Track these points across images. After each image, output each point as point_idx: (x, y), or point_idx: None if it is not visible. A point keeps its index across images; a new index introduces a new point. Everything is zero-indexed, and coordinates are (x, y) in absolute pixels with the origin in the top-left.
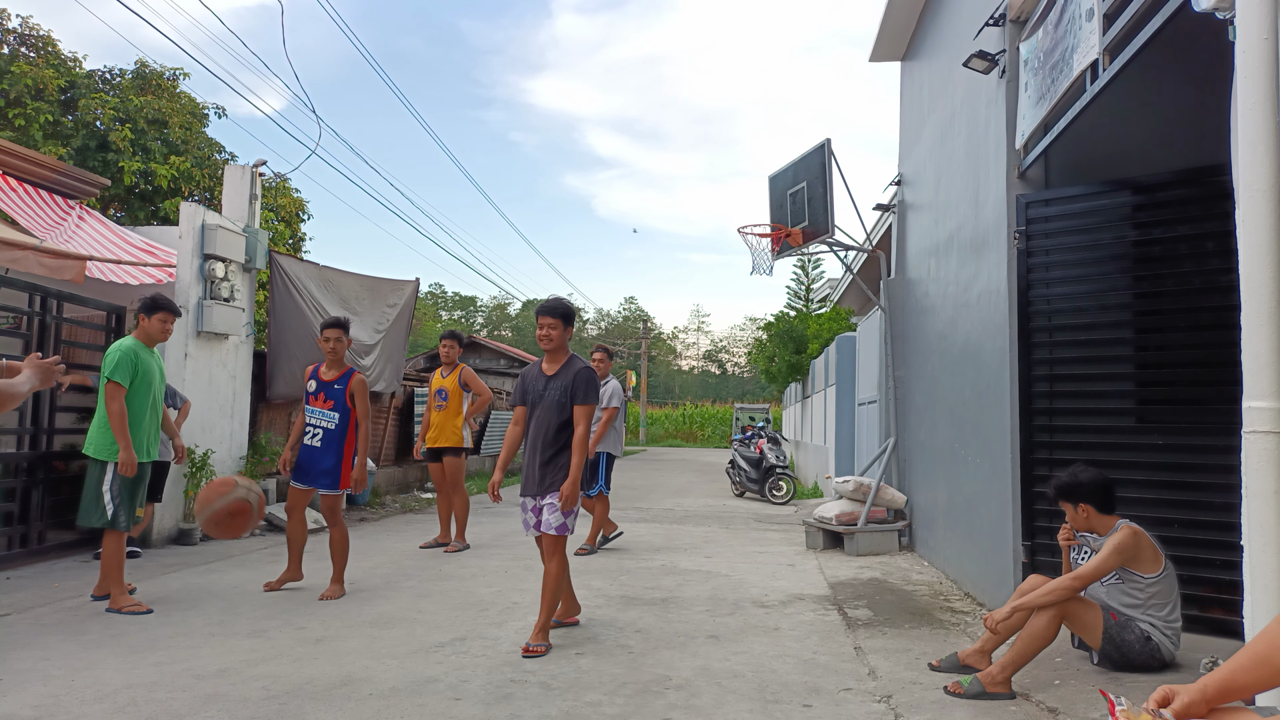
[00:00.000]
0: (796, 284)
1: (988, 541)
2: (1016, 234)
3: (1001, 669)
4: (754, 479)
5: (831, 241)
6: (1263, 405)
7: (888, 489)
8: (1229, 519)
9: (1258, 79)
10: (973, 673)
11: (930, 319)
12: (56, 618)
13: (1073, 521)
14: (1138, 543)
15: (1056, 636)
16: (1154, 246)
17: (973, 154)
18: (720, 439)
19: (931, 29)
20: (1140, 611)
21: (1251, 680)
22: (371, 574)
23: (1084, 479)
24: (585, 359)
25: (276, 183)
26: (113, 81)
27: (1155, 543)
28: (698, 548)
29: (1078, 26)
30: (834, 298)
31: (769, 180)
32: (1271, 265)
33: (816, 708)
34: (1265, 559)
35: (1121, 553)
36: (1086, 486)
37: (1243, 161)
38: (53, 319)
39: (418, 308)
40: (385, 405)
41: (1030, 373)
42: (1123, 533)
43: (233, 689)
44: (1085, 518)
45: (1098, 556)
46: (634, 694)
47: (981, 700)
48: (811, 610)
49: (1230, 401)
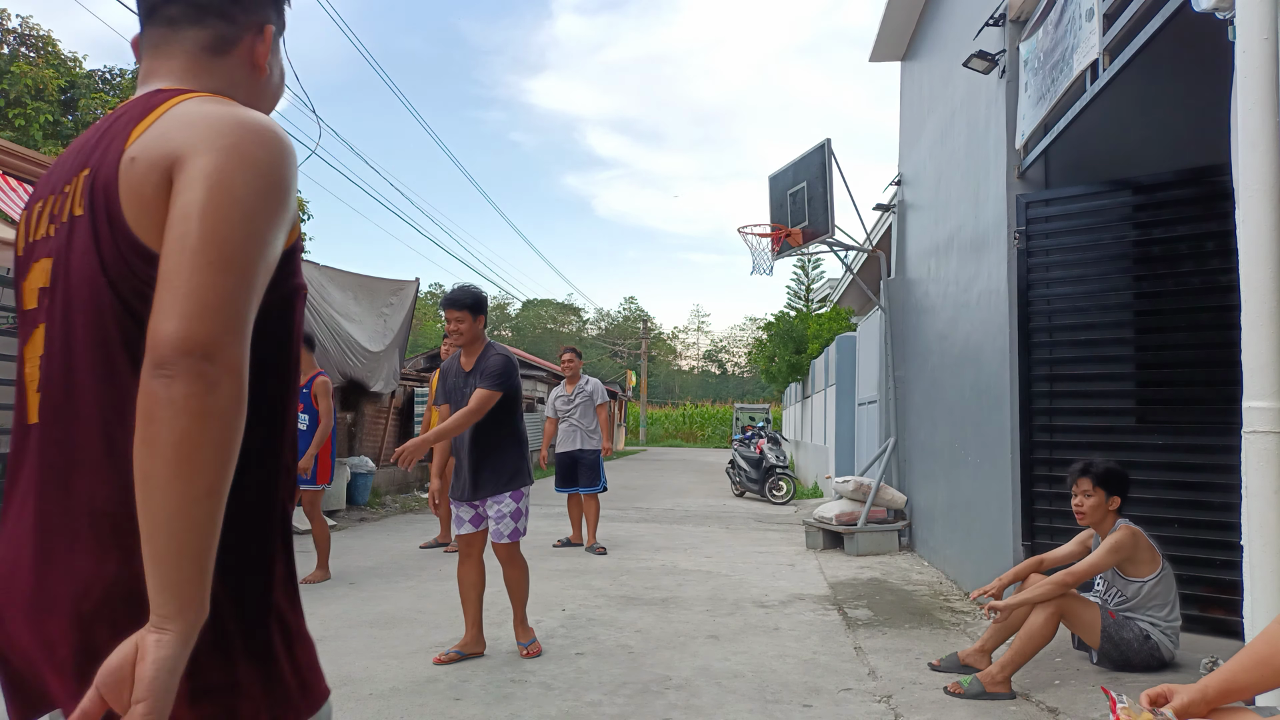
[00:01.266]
0: (796, 284)
1: (988, 542)
2: (1017, 234)
3: (1001, 669)
4: (754, 479)
5: (831, 241)
6: (1263, 405)
7: (888, 489)
8: (1229, 519)
9: (1258, 79)
10: (973, 672)
11: (930, 319)
12: None
13: (1088, 509)
14: (1135, 544)
15: (1055, 635)
16: (1154, 246)
17: (973, 154)
18: (720, 439)
19: (931, 29)
20: (1139, 611)
21: (1252, 681)
22: (371, 574)
23: (1122, 471)
24: (504, 346)
25: None
26: (113, 81)
27: (1153, 543)
28: (698, 548)
29: (1078, 26)
30: (834, 298)
31: (769, 180)
32: (1271, 265)
33: (816, 708)
34: (1265, 559)
35: (1118, 552)
36: (1124, 480)
37: (1243, 161)
38: None
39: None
40: (385, 405)
41: (1030, 373)
42: (1121, 533)
43: None
44: (1108, 511)
45: (1094, 554)
46: (634, 694)
47: (981, 700)
48: (811, 610)
49: (1230, 401)
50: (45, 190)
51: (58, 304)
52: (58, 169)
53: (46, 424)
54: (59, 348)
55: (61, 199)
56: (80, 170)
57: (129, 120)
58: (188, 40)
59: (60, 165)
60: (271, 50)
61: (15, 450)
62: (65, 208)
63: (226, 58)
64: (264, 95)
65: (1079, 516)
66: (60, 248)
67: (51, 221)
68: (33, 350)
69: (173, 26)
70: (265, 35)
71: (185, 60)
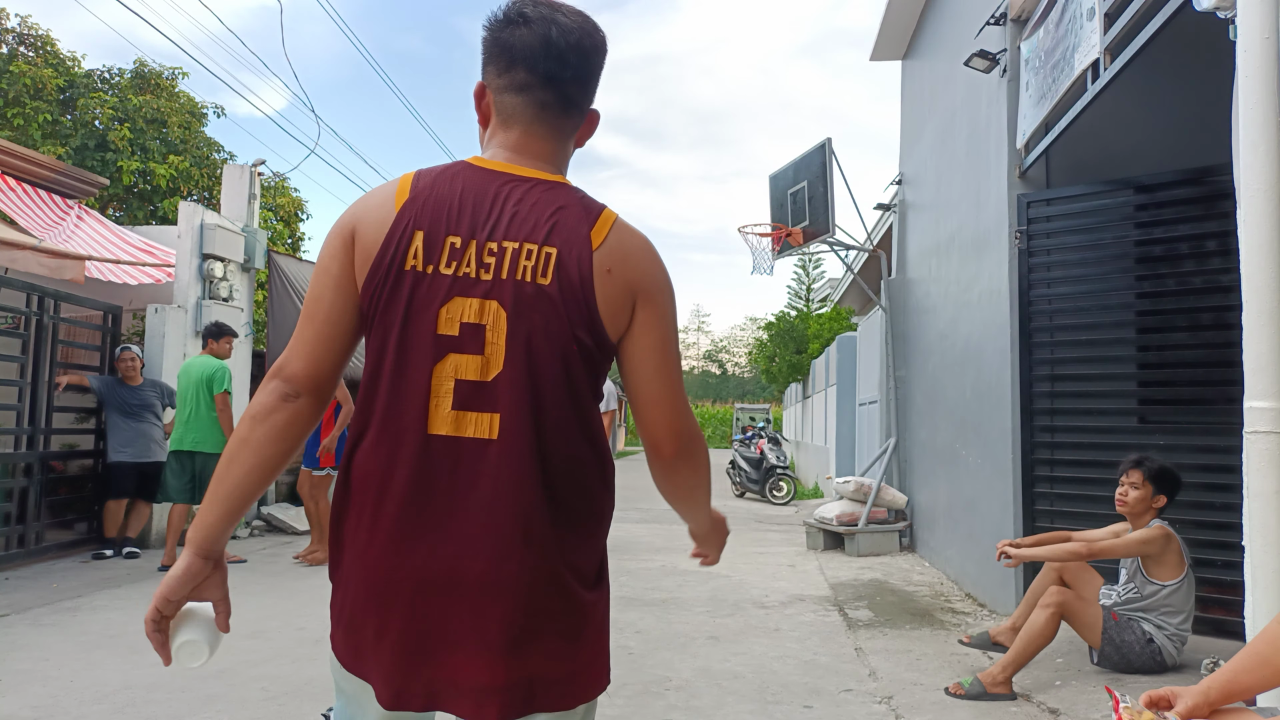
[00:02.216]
0: (797, 284)
1: (989, 542)
2: (1018, 234)
3: (1002, 669)
4: (754, 479)
5: (832, 241)
6: (1263, 405)
7: (888, 489)
8: (1230, 519)
9: (1258, 79)
10: (1001, 649)
11: (931, 319)
12: (55, 618)
13: (1135, 502)
14: (1166, 545)
15: (1056, 635)
16: (1155, 246)
17: (974, 153)
18: (721, 439)
19: (932, 28)
20: (1149, 613)
21: (1253, 681)
22: None
23: (1177, 475)
24: None
25: (275, 182)
26: (111, 81)
27: (1183, 548)
28: None
29: (1079, 26)
30: (834, 297)
31: (769, 180)
32: (1272, 265)
33: (817, 709)
34: (1266, 559)
35: (1146, 545)
36: (1177, 483)
37: (1243, 161)
38: (50, 319)
39: None
40: None
41: (1031, 373)
42: (1156, 530)
43: (232, 690)
44: (1149, 506)
45: (1122, 539)
46: (634, 695)
47: (982, 701)
48: (812, 611)
49: (1231, 401)
50: (454, 227)
51: (517, 350)
52: (462, 210)
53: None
54: (518, 380)
55: (499, 255)
56: (534, 242)
57: (578, 219)
58: (568, 127)
59: (465, 210)
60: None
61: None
62: (510, 266)
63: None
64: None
65: (1119, 505)
66: (518, 300)
67: (481, 268)
68: (446, 371)
69: (551, 110)
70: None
71: (555, 146)
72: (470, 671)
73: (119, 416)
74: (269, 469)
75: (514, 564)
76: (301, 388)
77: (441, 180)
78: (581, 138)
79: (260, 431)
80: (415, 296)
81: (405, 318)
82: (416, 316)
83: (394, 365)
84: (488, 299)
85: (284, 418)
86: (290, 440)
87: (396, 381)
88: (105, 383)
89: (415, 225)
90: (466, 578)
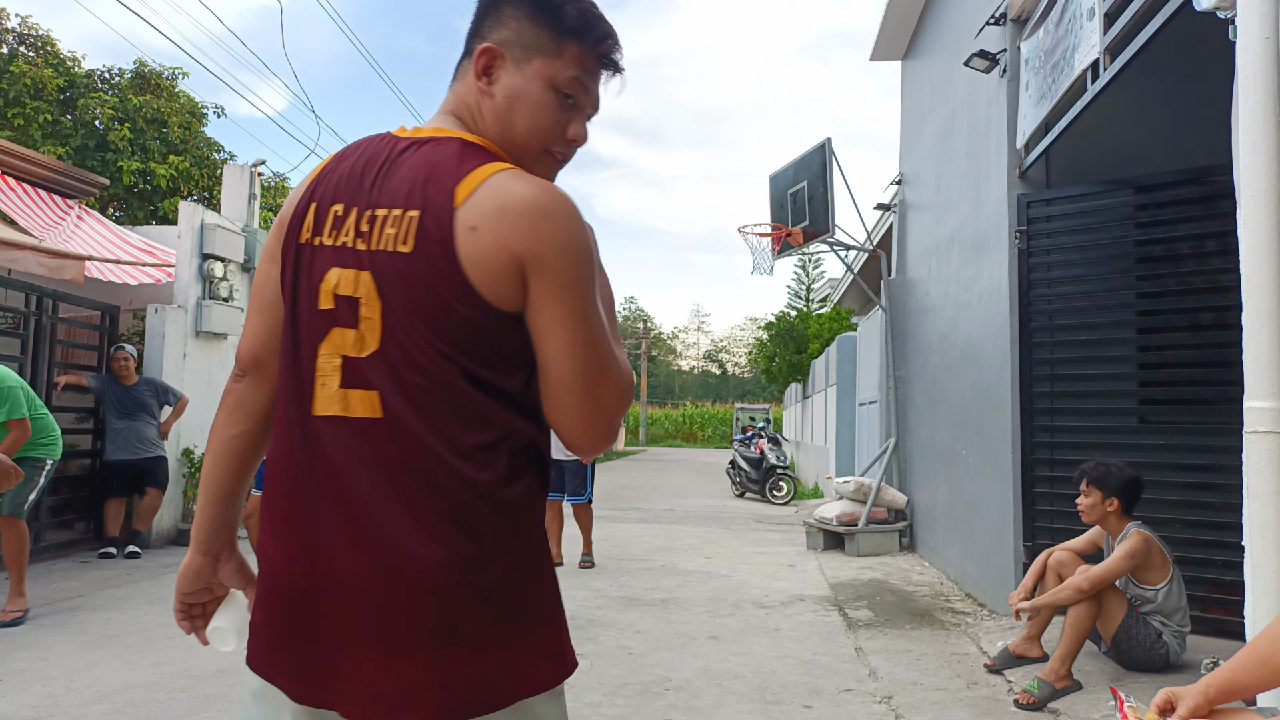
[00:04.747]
0: (797, 284)
1: (989, 542)
2: (1018, 234)
3: (1061, 662)
4: (754, 479)
5: (832, 241)
6: (1263, 405)
7: (888, 489)
8: (1230, 519)
9: (1258, 79)
10: (1025, 662)
11: (931, 319)
12: (55, 618)
13: (1088, 510)
14: (1148, 549)
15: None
16: (1155, 246)
17: (974, 153)
18: (720, 439)
19: (932, 28)
20: (1153, 617)
21: (1253, 680)
22: None
23: (1126, 475)
24: None
25: (275, 182)
26: (111, 81)
27: (1163, 547)
28: (698, 548)
29: (1079, 26)
30: (834, 297)
31: (769, 180)
32: (1272, 265)
33: (817, 709)
34: (1266, 559)
35: (1133, 558)
36: (1128, 483)
37: (1244, 161)
38: (49, 319)
39: None
40: None
41: (1031, 373)
42: (1135, 538)
43: (232, 690)
44: (1105, 512)
45: (1110, 559)
46: (634, 695)
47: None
48: (812, 611)
49: (1231, 401)
50: (340, 195)
51: (391, 324)
52: (351, 178)
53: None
54: (394, 356)
55: (372, 223)
56: (399, 206)
57: (448, 173)
58: (464, 69)
59: (354, 177)
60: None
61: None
62: (378, 234)
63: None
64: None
65: (1083, 517)
66: (384, 270)
67: (359, 237)
68: (330, 347)
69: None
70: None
71: (456, 95)
72: (379, 673)
73: (115, 416)
74: (233, 453)
75: (415, 551)
76: (245, 368)
77: (350, 151)
78: (484, 81)
79: (220, 417)
80: (301, 269)
81: (294, 292)
82: (303, 290)
83: (287, 343)
84: (361, 270)
85: (233, 399)
86: (244, 422)
87: (288, 361)
88: (103, 382)
89: (312, 198)
90: (358, 570)
